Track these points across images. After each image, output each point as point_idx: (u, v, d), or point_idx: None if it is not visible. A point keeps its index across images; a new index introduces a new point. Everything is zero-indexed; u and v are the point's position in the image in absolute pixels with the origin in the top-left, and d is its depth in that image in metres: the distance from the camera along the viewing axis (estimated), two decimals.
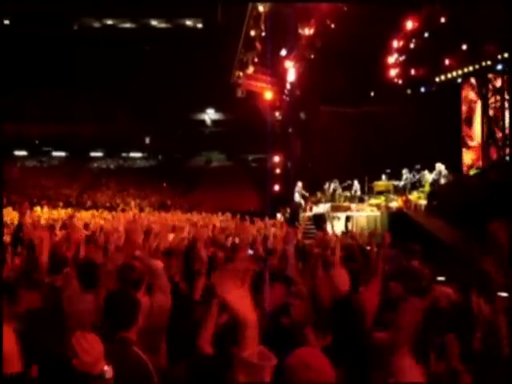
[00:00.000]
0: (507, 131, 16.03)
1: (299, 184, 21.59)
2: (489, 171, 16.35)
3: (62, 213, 23.10)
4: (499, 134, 16.32)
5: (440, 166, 19.42)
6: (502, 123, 16.38)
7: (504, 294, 4.85)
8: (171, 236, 9.44)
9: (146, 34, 44.05)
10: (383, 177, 21.64)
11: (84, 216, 21.21)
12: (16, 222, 11.45)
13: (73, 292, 4.27)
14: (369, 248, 6.29)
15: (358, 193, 21.03)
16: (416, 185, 20.06)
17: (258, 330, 1.72)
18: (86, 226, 10.48)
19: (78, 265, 4.79)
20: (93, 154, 44.62)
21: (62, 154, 44.52)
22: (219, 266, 5.30)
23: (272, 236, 9.14)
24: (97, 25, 45.42)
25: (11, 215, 16.98)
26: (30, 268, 5.13)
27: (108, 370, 2.30)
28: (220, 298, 1.75)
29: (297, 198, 21.52)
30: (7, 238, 7.69)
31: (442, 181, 19.09)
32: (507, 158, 16.09)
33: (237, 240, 9.09)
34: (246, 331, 1.69)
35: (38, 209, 23.06)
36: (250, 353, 1.68)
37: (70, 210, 24.55)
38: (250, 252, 7.84)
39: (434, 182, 19.19)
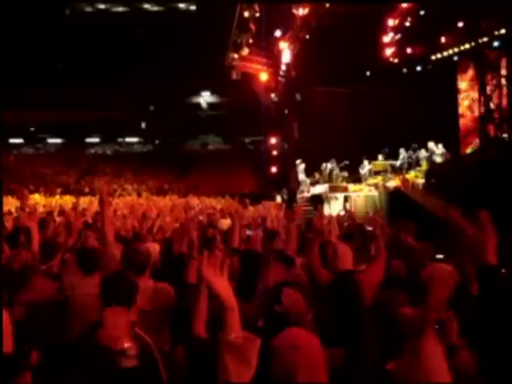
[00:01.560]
0: (504, 109, 16.00)
1: (301, 165, 21.51)
2: (486, 149, 16.36)
3: (59, 200, 23.06)
4: (496, 112, 16.28)
5: (432, 145, 19.48)
6: (498, 101, 16.33)
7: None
8: (168, 219, 9.48)
9: (140, 17, 43.64)
10: (380, 157, 21.63)
11: (82, 202, 21.14)
12: (15, 210, 11.47)
13: (75, 277, 4.30)
14: (370, 228, 6.30)
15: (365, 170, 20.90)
16: (412, 164, 20.05)
17: (239, 314, 1.81)
18: (84, 211, 10.45)
19: (79, 251, 4.81)
20: (89, 140, 44.45)
21: (58, 140, 44.34)
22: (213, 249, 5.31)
23: (272, 217, 9.14)
24: (89, 9, 44.96)
25: (10, 203, 16.94)
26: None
27: (131, 346, 2.34)
28: (206, 283, 1.86)
29: (301, 176, 21.43)
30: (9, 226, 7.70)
31: (438, 159, 19.13)
32: (504, 135, 16.07)
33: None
34: (230, 315, 1.77)
35: (35, 196, 23.01)
36: (235, 335, 1.75)
37: (68, 197, 24.52)
38: (249, 233, 7.85)
39: (428, 161, 19.25)
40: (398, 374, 1.70)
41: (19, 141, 42.68)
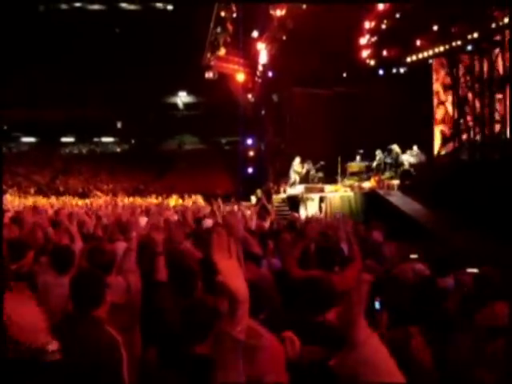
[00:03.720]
0: (477, 111, 16.23)
1: (297, 159, 21.46)
2: (459, 151, 16.59)
3: (31, 200, 22.75)
4: (469, 115, 16.51)
5: (395, 147, 19.82)
6: (472, 103, 16.56)
7: (474, 270, 4.96)
8: (144, 220, 9.40)
9: (116, 16, 43.26)
10: (357, 158, 21.81)
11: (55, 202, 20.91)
12: None
13: (49, 278, 4.25)
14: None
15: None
16: (388, 165, 20.23)
17: (248, 305, 1.59)
18: (57, 212, 10.32)
19: (53, 250, 4.75)
20: (64, 140, 43.92)
21: (31, 139, 43.73)
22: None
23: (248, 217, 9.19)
24: (65, 7, 44.40)
25: None
26: None
27: (52, 342, 2.28)
28: (215, 266, 1.60)
29: (291, 174, 21.36)
30: None
31: (412, 160, 19.46)
32: (477, 138, 16.32)
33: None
34: (238, 307, 1.56)
35: (6, 197, 22.62)
36: (239, 329, 1.57)
37: (41, 198, 24.22)
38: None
39: (384, 164, 19.63)
40: (338, 369, 1.64)
41: None
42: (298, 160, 21.44)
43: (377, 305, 3.28)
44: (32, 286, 4.24)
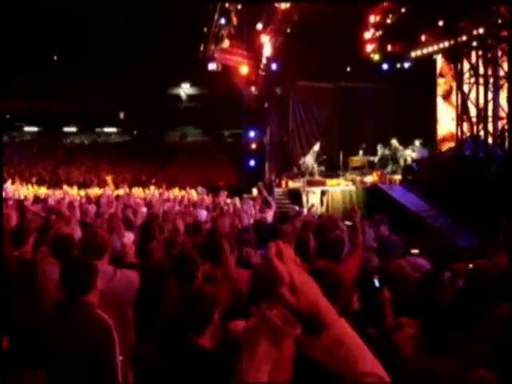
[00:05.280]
0: (481, 108, 16.16)
1: (317, 144, 21.40)
2: (462, 147, 16.54)
3: (34, 189, 22.77)
4: (473, 110, 16.44)
5: (394, 142, 19.80)
6: (476, 100, 16.49)
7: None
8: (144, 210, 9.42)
9: (120, 7, 43.05)
10: (360, 152, 21.78)
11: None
12: None
13: (49, 266, 4.25)
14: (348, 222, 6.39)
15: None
16: (390, 160, 20.21)
17: (289, 291, 1.55)
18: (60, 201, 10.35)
19: (53, 239, 4.76)
20: (66, 130, 43.88)
21: (34, 129, 43.70)
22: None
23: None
24: None
25: None
26: None
27: None
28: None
29: (309, 160, 21.26)
30: None
31: (414, 155, 19.47)
32: (480, 133, 16.26)
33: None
34: (278, 288, 1.49)
35: (8, 185, 22.59)
36: (275, 313, 1.49)
37: (43, 188, 24.23)
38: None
39: (385, 158, 19.62)
40: (316, 354, 1.62)
41: None
42: (317, 146, 21.13)
43: (376, 282, 3.30)
44: (33, 274, 4.27)
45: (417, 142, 20.28)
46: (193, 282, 3.41)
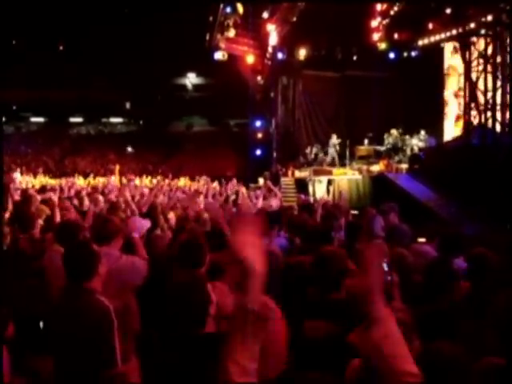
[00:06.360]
0: (489, 95, 16.05)
1: (334, 137, 21.33)
2: (470, 135, 16.46)
3: (41, 179, 22.85)
4: (481, 98, 16.33)
5: (393, 132, 19.73)
6: (484, 88, 16.37)
7: None
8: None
9: None
10: (366, 141, 21.72)
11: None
12: None
13: (55, 253, 4.27)
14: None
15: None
16: (397, 149, 20.16)
17: (263, 280, 1.64)
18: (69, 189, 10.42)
19: (59, 225, 4.77)
20: (72, 120, 43.95)
21: (40, 119, 43.79)
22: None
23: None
24: None
25: None
26: None
27: None
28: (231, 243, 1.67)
29: (332, 152, 21.19)
30: None
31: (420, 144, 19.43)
32: (488, 122, 16.17)
33: None
34: (251, 279, 1.61)
35: (16, 175, 22.69)
36: (253, 301, 1.62)
37: (49, 179, 24.31)
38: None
39: (391, 147, 19.58)
40: (361, 344, 1.69)
41: None
42: (335, 137, 21.08)
43: (385, 267, 3.30)
44: (42, 252, 4.32)
45: (422, 132, 20.22)
46: (200, 267, 3.41)
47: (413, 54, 23.10)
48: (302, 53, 23.06)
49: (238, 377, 1.59)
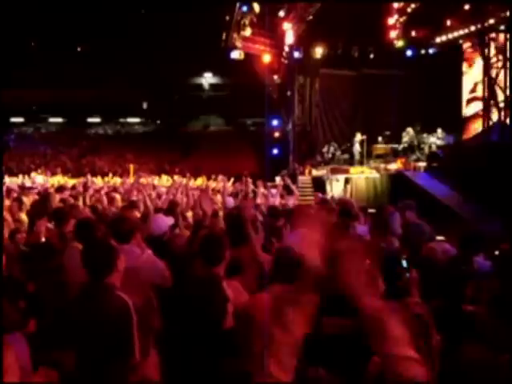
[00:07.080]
0: (508, 92, 15.86)
1: (358, 135, 21.26)
2: (489, 133, 16.29)
3: (60, 179, 23.02)
4: (501, 95, 16.15)
5: (410, 130, 19.58)
6: (503, 84, 16.19)
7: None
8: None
9: None
10: (379, 139, 21.63)
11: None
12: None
13: (74, 251, 4.32)
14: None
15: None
16: (415, 148, 20.02)
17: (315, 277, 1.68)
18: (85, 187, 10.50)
19: (77, 223, 4.84)
20: (90, 120, 44.32)
21: (59, 120, 44.22)
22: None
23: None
24: None
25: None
26: None
27: None
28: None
29: (357, 148, 21.16)
30: None
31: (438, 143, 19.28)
32: (508, 119, 15.98)
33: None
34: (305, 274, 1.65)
35: (34, 175, 22.96)
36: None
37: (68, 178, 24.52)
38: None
39: (409, 145, 19.46)
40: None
41: (20, 120, 42.53)
42: (359, 135, 21.03)
43: (404, 263, 3.31)
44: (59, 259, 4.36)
45: (439, 130, 20.05)
46: (220, 263, 3.43)
47: (430, 51, 22.90)
48: (319, 51, 22.99)
49: (277, 372, 1.60)
